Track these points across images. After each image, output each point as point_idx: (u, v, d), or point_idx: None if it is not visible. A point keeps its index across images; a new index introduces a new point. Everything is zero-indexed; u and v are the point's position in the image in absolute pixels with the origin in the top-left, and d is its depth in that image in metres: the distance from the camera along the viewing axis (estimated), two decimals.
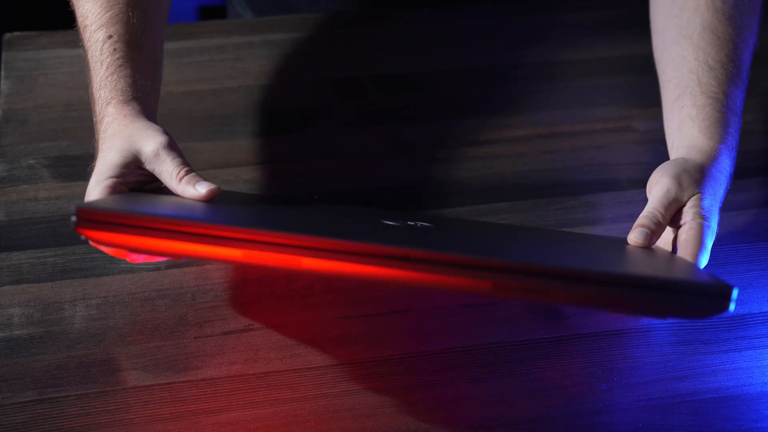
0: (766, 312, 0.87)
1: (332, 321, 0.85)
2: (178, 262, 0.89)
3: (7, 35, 1.13)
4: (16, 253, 0.89)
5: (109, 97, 0.85)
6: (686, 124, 0.88)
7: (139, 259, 0.83)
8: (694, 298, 0.70)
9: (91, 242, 0.76)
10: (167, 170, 0.81)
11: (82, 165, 0.98)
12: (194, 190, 0.79)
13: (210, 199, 0.79)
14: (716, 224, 0.83)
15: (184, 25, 1.18)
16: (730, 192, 0.89)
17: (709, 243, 0.81)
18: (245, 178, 0.98)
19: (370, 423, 0.78)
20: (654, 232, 0.81)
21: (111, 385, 0.79)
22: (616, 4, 1.18)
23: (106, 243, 0.73)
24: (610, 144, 1.03)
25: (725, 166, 0.85)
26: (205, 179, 0.79)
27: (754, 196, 0.97)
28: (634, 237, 0.81)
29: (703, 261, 0.80)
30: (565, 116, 1.07)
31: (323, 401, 0.79)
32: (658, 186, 0.83)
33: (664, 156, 1.00)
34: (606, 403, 0.80)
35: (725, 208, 0.96)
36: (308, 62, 1.12)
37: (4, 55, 1.11)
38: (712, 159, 0.85)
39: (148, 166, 0.81)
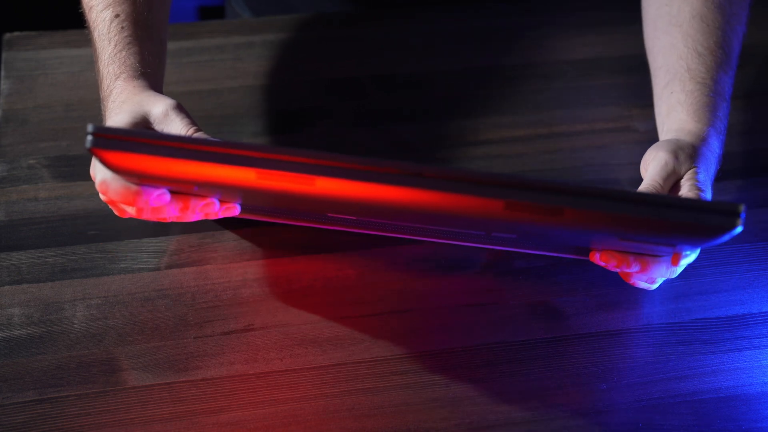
0: (766, 312, 0.87)
1: (332, 321, 0.85)
2: (178, 262, 0.89)
3: (7, 35, 1.13)
4: (16, 253, 0.89)
5: (118, 71, 0.86)
6: (675, 109, 0.89)
7: (147, 212, 0.81)
8: (705, 215, 0.70)
9: (100, 187, 0.78)
10: (176, 128, 0.82)
11: (82, 165, 0.98)
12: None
13: None
14: (711, 198, 0.85)
15: (184, 25, 1.18)
16: (729, 192, 0.89)
17: None
18: None
19: (370, 423, 0.78)
20: None
21: (111, 385, 0.79)
22: (616, 4, 1.18)
23: (118, 166, 0.71)
24: (610, 144, 1.03)
25: (715, 148, 0.87)
26: (215, 138, 0.80)
27: (754, 196, 0.97)
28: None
29: None
30: (565, 116, 1.07)
31: (323, 401, 0.79)
32: (656, 160, 0.84)
33: None
34: (606, 403, 0.80)
35: None
36: (308, 62, 1.12)
37: (4, 55, 1.11)
38: (702, 140, 0.86)
39: (157, 127, 0.82)
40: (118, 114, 0.83)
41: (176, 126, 0.81)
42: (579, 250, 0.85)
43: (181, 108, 0.83)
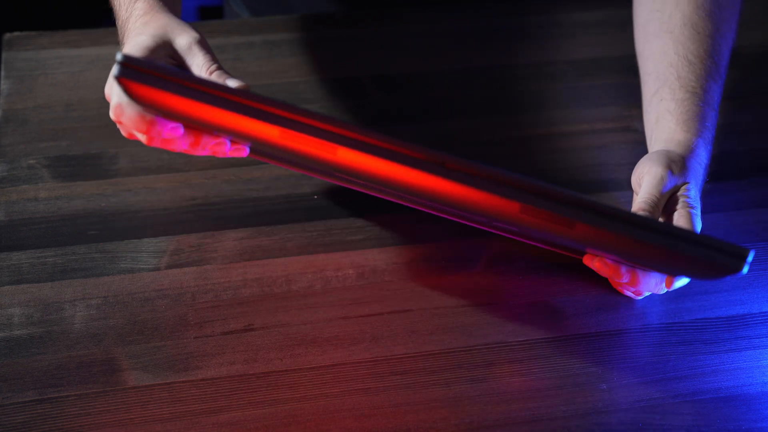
0: (766, 312, 0.87)
1: (332, 321, 0.85)
2: (178, 262, 0.89)
3: (7, 35, 1.13)
4: (16, 253, 0.89)
5: None
6: (665, 117, 0.89)
7: (156, 141, 0.81)
8: (716, 254, 0.70)
9: (115, 110, 0.77)
10: (198, 63, 0.82)
11: (82, 165, 0.98)
12: (224, 84, 0.79)
13: None
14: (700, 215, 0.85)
15: None
16: (730, 192, 0.89)
17: (699, 230, 0.83)
18: (245, 178, 0.98)
19: (370, 423, 0.78)
20: (655, 218, 0.82)
21: (111, 385, 0.79)
22: (616, 4, 1.18)
23: (141, 98, 0.70)
24: (610, 144, 1.03)
25: (702, 158, 0.87)
26: (235, 77, 0.80)
27: (754, 196, 0.97)
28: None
29: None
30: (565, 116, 1.07)
31: (323, 401, 0.79)
32: (651, 175, 0.84)
33: None
34: (606, 403, 0.80)
35: (725, 208, 0.96)
36: (308, 62, 1.12)
37: (4, 55, 1.11)
38: (690, 151, 0.86)
39: (180, 55, 0.82)
40: (140, 35, 0.82)
41: (198, 60, 0.82)
42: (574, 250, 0.85)
43: (204, 42, 0.83)
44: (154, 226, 0.92)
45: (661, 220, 0.84)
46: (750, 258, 0.71)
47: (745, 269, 0.71)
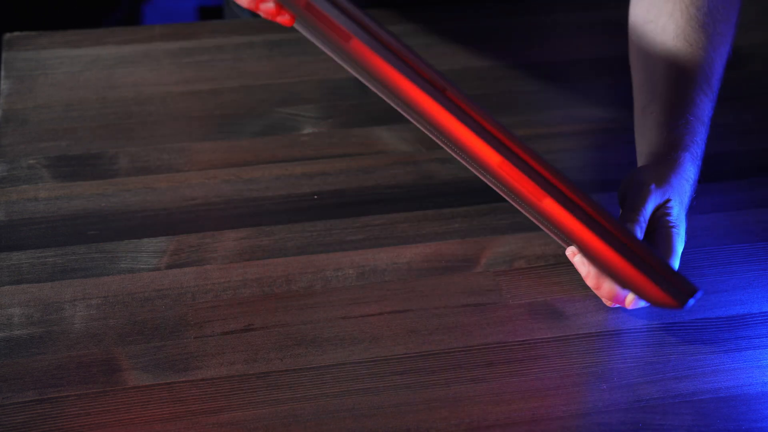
0: (766, 312, 0.87)
1: (332, 321, 0.85)
2: (178, 262, 0.89)
3: (7, 35, 1.13)
4: (16, 253, 0.89)
5: None
6: (653, 131, 0.88)
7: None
8: (664, 282, 0.70)
9: None
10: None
11: (82, 165, 0.98)
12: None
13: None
14: (684, 232, 0.84)
15: (184, 25, 1.18)
16: (730, 192, 0.89)
17: (680, 250, 0.82)
18: (245, 178, 0.98)
19: (370, 423, 0.78)
20: (642, 229, 0.81)
21: (111, 385, 0.79)
22: (616, 5, 1.17)
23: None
24: (610, 144, 1.03)
25: (690, 174, 0.86)
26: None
27: (754, 196, 0.97)
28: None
29: (676, 267, 0.82)
30: (565, 116, 1.07)
31: (323, 401, 0.79)
32: (637, 187, 0.83)
33: None
34: (606, 403, 0.80)
35: (725, 208, 0.96)
36: (308, 62, 1.13)
37: (4, 55, 1.11)
38: (677, 167, 0.85)
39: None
40: None
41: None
42: (555, 232, 0.83)
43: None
44: (154, 226, 0.92)
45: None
46: (695, 297, 0.72)
47: (687, 306, 0.73)
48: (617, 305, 0.84)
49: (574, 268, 0.88)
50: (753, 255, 0.92)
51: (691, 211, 0.88)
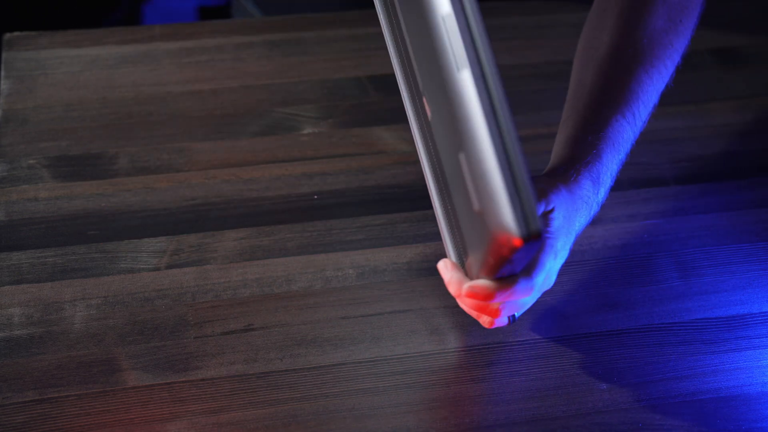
0: (766, 312, 0.87)
1: (332, 321, 0.85)
2: (178, 262, 0.89)
3: (7, 35, 1.13)
4: (16, 253, 0.89)
5: None
6: (560, 144, 0.85)
7: None
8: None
9: None
10: None
11: (82, 165, 0.98)
12: None
13: None
14: (565, 248, 0.80)
15: (184, 25, 1.18)
16: (730, 192, 0.89)
17: (548, 262, 0.78)
18: (245, 178, 0.98)
19: (370, 423, 0.78)
20: None
21: (111, 385, 0.79)
22: None
23: None
24: None
25: (587, 193, 0.81)
26: None
27: (754, 196, 0.97)
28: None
29: (539, 280, 0.77)
30: None
31: (323, 401, 0.79)
32: None
33: (664, 156, 1.01)
34: (606, 403, 0.80)
35: (725, 208, 0.96)
36: (308, 62, 1.13)
37: (4, 55, 1.11)
38: (572, 182, 0.81)
39: None
40: None
41: None
42: None
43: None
44: (154, 226, 0.92)
45: None
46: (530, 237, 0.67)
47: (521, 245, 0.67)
48: (483, 317, 0.81)
49: (574, 268, 0.89)
50: (753, 255, 0.92)
51: (692, 211, 0.89)
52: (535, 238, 0.66)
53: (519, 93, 1.10)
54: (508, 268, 0.74)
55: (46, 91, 1.06)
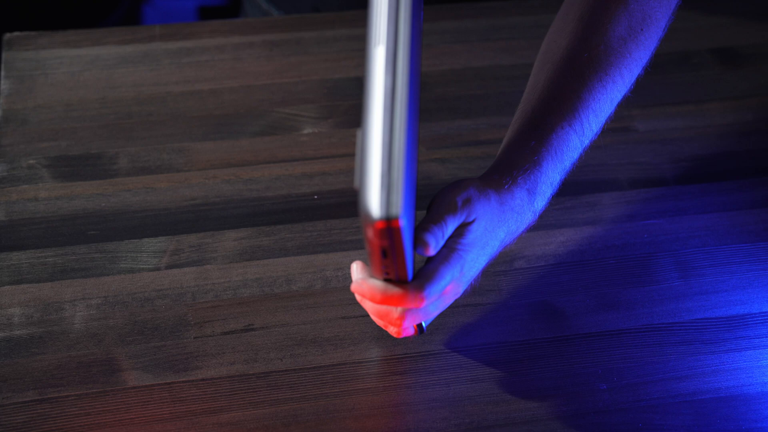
0: (766, 312, 0.87)
1: (332, 321, 0.85)
2: (178, 262, 0.89)
3: (7, 35, 1.13)
4: (16, 253, 0.89)
5: None
6: (502, 147, 0.82)
7: None
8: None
9: None
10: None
11: (82, 165, 0.98)
12: None
13: None
14: (479, 260, 0.78)
15: (184, 25, 1.18)
16: (730, 192, 0.89)
17: (449, 275, 0.75)
18: (245, 178, 0.98)
19: (370, 423, 0.78)
20: (437, 242, 0.75)
21: (111, 385, 0.79)
22: None
23: None
24: (610, 144, 1.03)
25: (519, 204, 0.79)
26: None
27: (754, 196, 0.97)
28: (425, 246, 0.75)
29: (434, 289, 0.74)
30: None
31: (323, 401, 0.79)
32: (445, 202, 0.77)
33: (664, 156, 1.01)
34: (606, 403, 0.80)
35: (725, 208, 0.96)
36: (308, 62, 1.12)
37: (4, 55, 1.11)
38: (504, 192, 0.79)
39: None
40: None
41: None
42: None
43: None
44: (154, 226, 0.92)
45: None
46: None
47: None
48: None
49: (575, 268, 0.89)
50: (753, 255, 0.92)
51: (692, 211, 0.89)
52: (395, 225, 0.63)
53: (518, 93, 1.10)
54: (392, 265, 0.71)
55: (46, 91, 1.06)
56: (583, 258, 0.91)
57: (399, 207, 0.64)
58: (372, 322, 0.84)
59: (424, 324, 0.80)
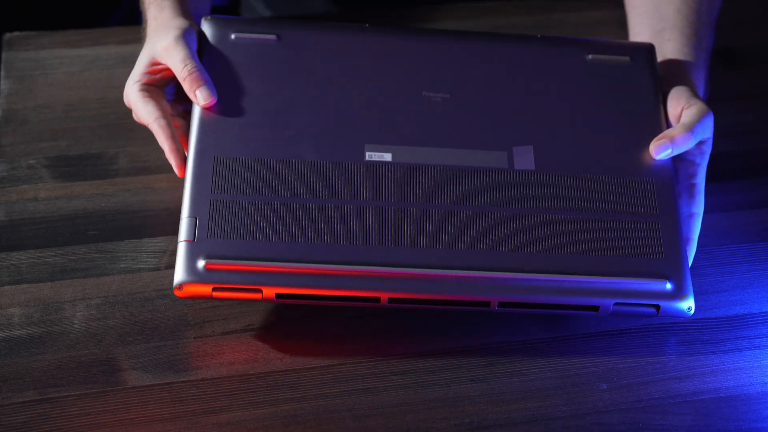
0: (766, 312, 0.87)
1: (332, 321, 0.85)
2: None
3: (7, 35, 1.13)
4: (16, 253, 0.89)
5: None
6: (675, 55, 0.95)
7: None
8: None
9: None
10: (174, 68, 0.86)
11: (82, 165, 0.98)
12: (193, 96, 0.84)
13: (207, 107, 0.85)
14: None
15: None
16: (730, 192, 0.89)
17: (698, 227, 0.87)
18: None
19: (370, 423, 0.78)
20: (686, 142, 0.87)
21: (111, 385, 0.79)
22: (617, 4, 1.17)
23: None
24: None
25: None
26: (208, 82, 0.85)
27: (754, 196, 0.97)
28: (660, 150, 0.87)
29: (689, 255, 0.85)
30: None
31: (323, 401, 0.79)
32: (697, 108, 0.88)
33: None
34: (606, 403, 0.80)
35: (725, 208, 0.96)
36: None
37: (4, 55, 1.11)
38: (698, 91, 0.93)
39: (164, 62, 0.87)
40: (141, 52, 0.89)
41: (173, 63, 0.86)
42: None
43: (181, 37, 0.87)
44: (154, 226, 0.92)
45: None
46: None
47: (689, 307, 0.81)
48: None
49: None
50: (753, 255, 0.92)
51: None
52: None
53: None
54: None
55: (46, 91, 1.06)
56: None
57: None
58: (372, 322, 0.84)
59: None
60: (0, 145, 0.99)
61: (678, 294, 0.81)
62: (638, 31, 1.00)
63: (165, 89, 0.89)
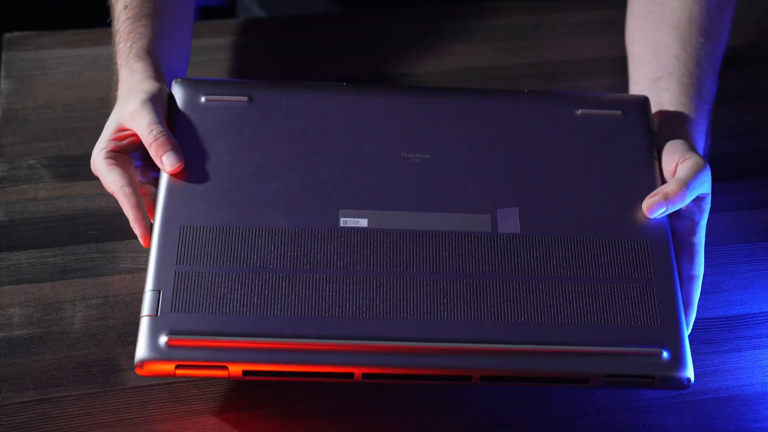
0: (766, 312, 0.87)
1: None
2: None
3: (7, 35, 1.13)
4: (16, 253, 0.89)
5: (117, 62, 0.91)
6: (673, 108, 0.90)
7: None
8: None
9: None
10: (140, 133, 0.83)
11: (82, 165, 0.98)
12: (160, 162, 0.82)
13: (174, 173, 0.81)
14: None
15: None
16: (730, 192, 0.89)
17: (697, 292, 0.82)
18: None
19: (370, 423, 0.78)
20: (682, 200, 0.82)
21: (111, 385, 0.79)
22: (617, 4, 1.18)
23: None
24: None
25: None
26: (175, 147, 0.82)
27: (754, 196, 0.97)
28: (654, 209, 0.82)
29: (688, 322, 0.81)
30: None
31: (323, 401, 0.79)
32: (693, 162, 0.84)
33: None
34: (606, 403, 0.80)
35: (725, 208, 0.96)
36: (309, 62, 1.12)
37: (4, 55, 1.11)
38: (696, 144, 0.89)
39: (130, 128, 0.84)
40: (109, 117, 0.86)
41: (139, 129, 0.83)
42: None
43: (148, 102, 0.84)
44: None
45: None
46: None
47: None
48: None
49: None
50: (753, 255, 0.92)
51: None
52: None
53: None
54: None
55: (46, 91, 1.06)
56: None
57: None
58: None
59: None
60: (0, 145, 0.99)
61: (675, 363, 0.75)
62: (636, 80, 0.95)
63: (133, 155, 0.86)
